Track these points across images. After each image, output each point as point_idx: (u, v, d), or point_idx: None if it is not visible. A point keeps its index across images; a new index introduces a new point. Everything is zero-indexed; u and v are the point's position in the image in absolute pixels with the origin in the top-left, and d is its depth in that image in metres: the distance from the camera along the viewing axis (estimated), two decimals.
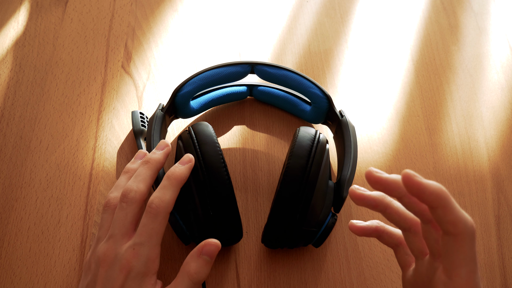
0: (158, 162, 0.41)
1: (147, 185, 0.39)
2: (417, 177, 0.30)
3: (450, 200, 0.30)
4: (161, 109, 0.47)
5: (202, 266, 0.37)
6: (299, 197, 0.40)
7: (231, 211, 0.41)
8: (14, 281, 0.44)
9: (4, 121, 0.53)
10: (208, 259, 0.37)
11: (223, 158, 0.41)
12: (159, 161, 0.41)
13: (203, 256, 0.37)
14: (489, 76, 0.60)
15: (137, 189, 0.39)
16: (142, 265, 0.36)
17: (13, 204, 0.48)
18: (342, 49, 0.61)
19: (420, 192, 0.30)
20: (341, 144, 0.47)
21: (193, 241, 0.43)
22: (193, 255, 0.37)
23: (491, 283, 0.46)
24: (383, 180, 0.32)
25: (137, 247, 0.37)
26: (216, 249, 0.37)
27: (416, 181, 0.30)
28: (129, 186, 0.39)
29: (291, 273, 0.46)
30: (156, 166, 0.41)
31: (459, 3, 0.66)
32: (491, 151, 0.54)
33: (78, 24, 0.60)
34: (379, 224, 0.38)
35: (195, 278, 0.37)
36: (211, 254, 0.37)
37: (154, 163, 0.41)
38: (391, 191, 0.32)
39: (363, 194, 0.34)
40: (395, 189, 0.32)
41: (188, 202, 0.41)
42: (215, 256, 0.37)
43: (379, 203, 0.35)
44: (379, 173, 0.32)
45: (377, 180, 0.32)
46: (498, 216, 0.50)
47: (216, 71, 0.49)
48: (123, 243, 0.37)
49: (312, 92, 0.49)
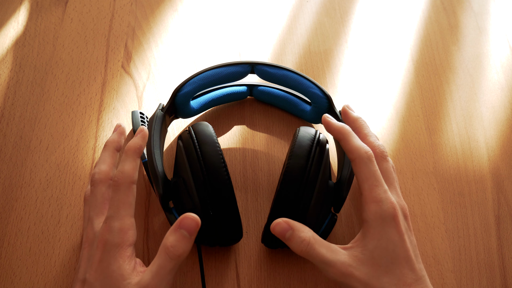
0: (113, 142, 0.45)
1: (108, 164, 0.43)
2: (328, 117, 0.44)
3: (349, 134, 0.41)
4: (161, 109, 0.47)
5: (179, 241, 0.36)
6: (299, 197, 0.40)
7: (231, 211, 0.41)
8: (14, 281, 0.44)
9: (4, 121, 0.53)
10: (186, 234, 0.36)
11: (223, 158, 0.41)
12: (113, 141, 0.45)
13: (181, 230, 0.36)
14: (489, 76, 0.60)
15: (98, 170, 0.42)
16: (115, 237, 0.37)
17: (13, 204, 0.48)
18: (342, 49, 0.61)
19: (328, 128, 0.43)
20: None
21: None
22: (171, 229, 0.37)
23: (491, 283, 0.46)
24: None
25: (108, 221, 0.38)
26: (194, 223, 0.36)
27: (326, 120, 0.43)
28: (93, 171, 0.43)
29: (291, 273, 0.46)
30: (112, 146, 0.45)
31: (459, 3, 0.66)
32: (491, 151, 0.54)
33: (78, 24, 0.60)
34: (346, 127, 0.43)
35: (171, 252, 0.36)
36: (189, 228, 0.36)
37: (109, 145, 0.45)
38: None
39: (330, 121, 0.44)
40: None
41: (188, 202, 0.41)
42: (193, 232, 0.36)
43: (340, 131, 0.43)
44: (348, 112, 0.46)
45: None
46: (498, 216, 0.50)
47: (216, 71, 0.49)
48: (100, 222, 0.40)
49: (312, 92, 0.49)
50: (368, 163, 0.40)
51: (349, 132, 0.42)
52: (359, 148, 0.40)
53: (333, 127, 0.43)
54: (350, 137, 0.41)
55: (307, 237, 0.38)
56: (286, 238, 0.39)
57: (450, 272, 0.46)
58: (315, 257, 0.38)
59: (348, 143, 0.41)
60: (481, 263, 0.47)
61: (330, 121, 0.43)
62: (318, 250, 0.38)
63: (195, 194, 0.41)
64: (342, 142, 0.42)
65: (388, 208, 0.38)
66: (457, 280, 0.46)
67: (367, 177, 0.40)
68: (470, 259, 0.47)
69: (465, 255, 0.47)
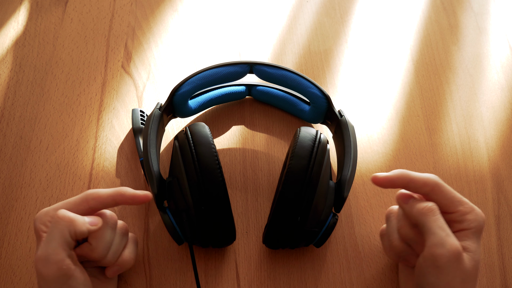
0: (112, 218, 0.41)
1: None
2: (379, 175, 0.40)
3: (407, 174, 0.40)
4: (159, 108, 0.47)
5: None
6: (302, 198, 0.40)
7: (224, 212, 0.41)
8: (14, 281, 0.44)
9: (4, 121, 0.53)
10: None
11: (218, 160, 0.41)
12: (113, 218, 0.41)
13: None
14: (489, 76, 0.60)
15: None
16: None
17: (13, 204, 0.48)
18: (342, 49, 0.61)
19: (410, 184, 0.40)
20: (340, 143, 0.47)
21: (186, 241, 0.43)
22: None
23: (491, 283, 0.46)
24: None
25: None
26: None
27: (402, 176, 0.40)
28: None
29: (291, 273, 0.46)
30: (112, 218, 0.41)
31: (459, 3, 0.66)
32: (491, 151, 0.54)
33: (78, 24, 0.60)
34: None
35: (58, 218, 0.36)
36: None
37: (110, 217, 0.41)
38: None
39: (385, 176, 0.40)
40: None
41: (181, 202, 0.41)
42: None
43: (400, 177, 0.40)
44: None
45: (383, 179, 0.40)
46: (498, 216, 0.50)
47: (214, 70, 0.49)
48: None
49: (311, 92, 0.49)
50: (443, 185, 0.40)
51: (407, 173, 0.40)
52: (427, 176, 0.40)
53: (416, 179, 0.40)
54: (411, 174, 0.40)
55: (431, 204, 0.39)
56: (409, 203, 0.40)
57: None
58: (437, 220, 0.38)
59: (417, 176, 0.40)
60: (481, 263, 0.47)
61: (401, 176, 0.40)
62: (440, 216, 0.38)
63: (189, 194, 0.41)
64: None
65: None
66: None
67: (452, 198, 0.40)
68: None
69: None
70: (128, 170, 0.50)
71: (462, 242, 0.38)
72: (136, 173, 0.50)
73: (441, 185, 0.39)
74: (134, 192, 0.39)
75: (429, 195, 0.39)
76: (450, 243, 0.36)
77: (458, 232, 0.39)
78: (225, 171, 0.51)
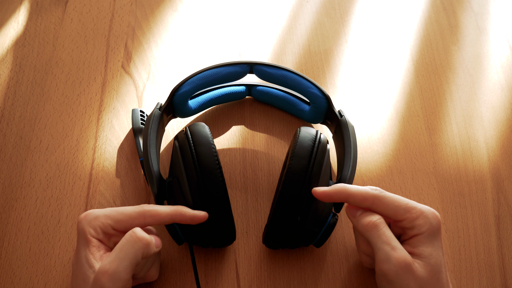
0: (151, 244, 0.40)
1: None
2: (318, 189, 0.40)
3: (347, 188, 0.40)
4: (159, 108, 0.47)
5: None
6: (302, 198, 0.40)
7: (224, 213, 0.41)
8: (14, 281, 0.44)
9: (4, 121, 0.53)
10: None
11: (218, 160, 0.41)
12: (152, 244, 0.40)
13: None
14: (489, 76, 0.60)
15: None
16: (79, 231, 0.39)
17: (13, 204, 0.48)
18: (342, 49, 0.61)
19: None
20: (340, 143, 0.47)
21: (186, 241, 0.43)
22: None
23: (491, 283, 0.46)
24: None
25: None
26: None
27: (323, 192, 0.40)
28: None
29: (291, 273, 0.46)
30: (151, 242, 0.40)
31: (459, 3, 0.66)
32: (491, 151, 0.54)
33: (78, 24, 0.60)
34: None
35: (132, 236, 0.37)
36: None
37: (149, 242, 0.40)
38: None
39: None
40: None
41: (181, 202, 0.41)
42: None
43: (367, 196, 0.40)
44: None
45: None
46: (498, 216, 0.50)
47: (214, 70, 0.49)
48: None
49: (311, 92, 0.49)
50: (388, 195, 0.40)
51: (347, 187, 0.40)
52: (366, 189, 0.40)
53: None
54: (351, 189, 0.40)
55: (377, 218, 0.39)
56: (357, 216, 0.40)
57: (450, 272, 0.46)
58: (382, 235, 0.38)
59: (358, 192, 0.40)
60: (481, 263, 0.47)
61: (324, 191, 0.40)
62: (385, 230, 0.38)
63: (189, 194, 0.41)
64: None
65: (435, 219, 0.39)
66: (457, 280, 0.46)
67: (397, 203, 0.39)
68: (470, 259, 0.47)
69: (465, 255, 0.47)
70: (128, 170, 0.50)
71: (415, 248, 0.38)
72: (136, 173, 0.50)
73: (382, 197, 0.39)
74: (194, 212, 0.40)
75: (371, 209, 0.39)
76: (396, 257, 0.37)
77: (411, 238, 0.39)
78: (225, 171, 0.51)
